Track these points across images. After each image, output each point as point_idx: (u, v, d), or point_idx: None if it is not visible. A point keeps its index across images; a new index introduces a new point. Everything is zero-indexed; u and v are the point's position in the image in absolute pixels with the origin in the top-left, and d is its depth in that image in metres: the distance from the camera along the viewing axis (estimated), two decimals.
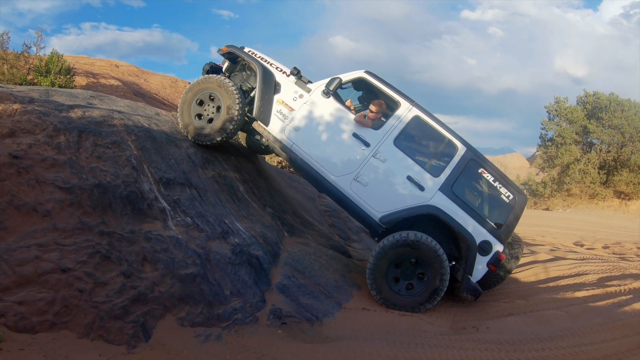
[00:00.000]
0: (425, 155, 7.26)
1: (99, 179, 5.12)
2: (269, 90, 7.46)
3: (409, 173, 6.94)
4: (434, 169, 7.00)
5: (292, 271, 6.38)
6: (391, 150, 7.02)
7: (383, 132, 7.10)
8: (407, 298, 6.68)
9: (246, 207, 7.13)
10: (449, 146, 7.10)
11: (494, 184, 7.02)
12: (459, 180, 6.95)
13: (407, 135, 7.17)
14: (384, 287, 6.67)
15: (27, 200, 4.48)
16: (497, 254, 6.78)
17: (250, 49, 7.93)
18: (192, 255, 5.20)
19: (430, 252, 6.56)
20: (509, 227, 6.95)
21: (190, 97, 7.42)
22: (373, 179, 7.00)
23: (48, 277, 4.10)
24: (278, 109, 7.43)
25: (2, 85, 6.56)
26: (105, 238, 4.67)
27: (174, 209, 5.65)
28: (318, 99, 7.33)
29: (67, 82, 16.56)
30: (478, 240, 6.72)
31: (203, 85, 7.37)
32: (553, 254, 10.62)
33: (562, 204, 38.79)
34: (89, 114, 6.04)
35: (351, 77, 7.43)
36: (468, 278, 6.76)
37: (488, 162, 7.18)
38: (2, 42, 16.47)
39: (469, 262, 6.73)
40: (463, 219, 6.77)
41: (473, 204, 6.97)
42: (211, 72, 8.05)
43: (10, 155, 4.66)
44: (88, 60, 25.00)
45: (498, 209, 7.07)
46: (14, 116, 5.19)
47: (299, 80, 7.53)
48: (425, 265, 6.65)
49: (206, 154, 7.23)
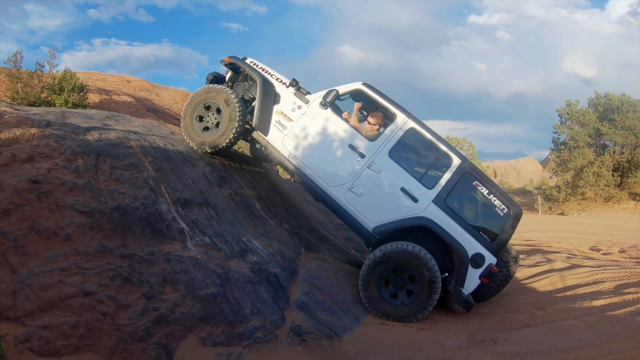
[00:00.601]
0: (419, 167, 7.32)
1: (117, 202, 5.17)
2: (269, 100, 7.63)
3: (403, 184, 7.01)
4: (428, 181, 7.04)
5: (310, 287, 6.40)
6: (386, 161, 7.10)
7: (378, 143, 7.19)
8: (400, 308, 6.71)
9: (263, 225, 7.20)
10: (443, 158, 7.15)
11: (488, 196, 7.04)
12: (452, 192, 7.00)
13: (402, 147, 7.24)
14: (376, 296, 6.72)
15: (48, 225, 4.52)
16: (490, 267, 6.78)
17: (252, 60, 8.09)
18: (211, 275, 5.23)
19: (422, 263, 6.58)
20: (502, 240, 6.94)
21: (193, 106, 7.61)
22: (367, 190, 7.10)
23: (71, 301, 4.14)
24: (277, 120, 7.59)
25: (18, 108, 6.63)
26: (126, 260, 4.72)
27: (192, 229, 5.69)
28: (316, 110, 7.47)
29: (81, 99, 16.73)
30: (470, 253, 6.75)
31: (206, 94, 7.55)
32: (569, 261, 10.53)
33: (576, 208, 38.49)
34: (105, 136, 6.11)
35: (348, 89, 7.56)
36: (460, 290, 6.78)
37: (483, 175, 7.21)
38: (15, 61, 16.67)
39: (461, 274, 6.75)
40: (456, 231, 6.81)
41: (466, 217, 7.00)
42: (214, 82, 8.29)
43: (30, 181, 4.71)
44: (100, 76, 25.22)
45: (492, 221, 7.06)
46: (32, 140, 5.25)
47: (298, 91, 7.67)
48: (419, 282, 6.66)
49: (222, 172, 7.34)
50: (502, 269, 7.28)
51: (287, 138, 7.48)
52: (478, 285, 6.86)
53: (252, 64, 8.02)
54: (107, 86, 22.84)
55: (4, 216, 4.35)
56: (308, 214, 9.68)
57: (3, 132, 5.16)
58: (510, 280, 7.54)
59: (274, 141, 7.56)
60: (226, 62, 8.16)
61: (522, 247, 13.53)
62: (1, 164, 4.77)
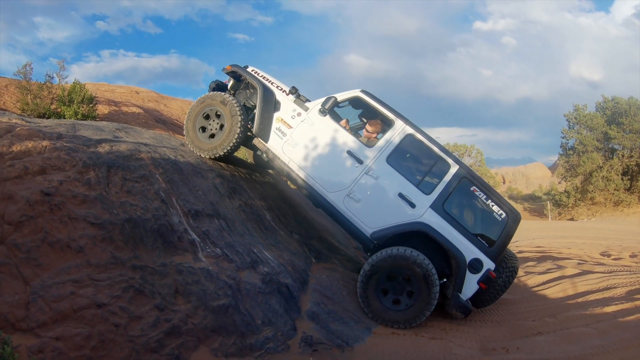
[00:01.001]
0: (417, 172, 7.38)
1: (129, 214, 5.19)
2: (269, 108, 7.74)
3: (401, 190, 7.06)
4: (425, 187, 7.10)
5: (321, 297, 6.41)
6: (384, 167, 7.18)
7: (376, 149, 7.27)
8: (405, 312, 6.72)
9: (273, 235, 7.24)
10: (441, 164, 7.21)
11: (486, 202, 7.08)
12: (450, 197, 7.05)
13: (400, 153, 7.32)
14: (379, 308, 6.74)
15: (60, 237, 4.54)
16: (488, 272, 6.78)
17: (253, 68, 8.21)
18: (223, 286, 5.25)
19: (410, 262, 6.61)
20: (500, 246, 6.96)
21: (195, 113, 7.74)
22: (365, 196, 7.17)
23: (84, 313, 4.15)
24: (277, 127, 7.70)
25: (30, 120, 6.68)
26: (138, 272, 4.73)
27: (203, 240, 5.72)
28: (315, 117, 7.57)
29: (90, 111, 16.83)
30: (468, 258, 6.77)
31: (208, 102, 7.68)
32: (580, 267, 10.49)
33: (586, 213, 38.36)
34: (116, 148, 6.14)
35: (347, 96, 7.64)
36: (457, 295, 6.79)
37: (480, 181, 7.23)
38: (25, 73, 16.77)
39: (459, 280, 6.78)
40: (453, 236, 6.84)
41: (464, 222, 7.06)
42: (217, 89, 8.40)
43: (42, 193, 4.73)
44: (108, 88, 25.37)
45: (490, 227, 7.10)
46: (44, 153, 5.28)
47: (298, 99, 7.78)
48: (415, 280, 6.67)
49: (232, 183, 7.39)
50: (501, 274, 7.25)
51: (286, 145, 7.59)
52: (476, 290, 6.86)
53: (253, 72, 8.15)
54: (115, 97, 22.96)
55: (16, 228, 4.38)
56: (318, 224, 9.71)
57: (15, 144, 5.19)
58: (509, 286, 7.50)
59: (274, 148, 7.69)
60: (228, 70, 8.30)
61: (532, 254, 13.50)
62: (13, 176, 4.79)
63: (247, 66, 8.31)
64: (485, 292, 7.20)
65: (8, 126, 5.52)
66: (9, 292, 3.97)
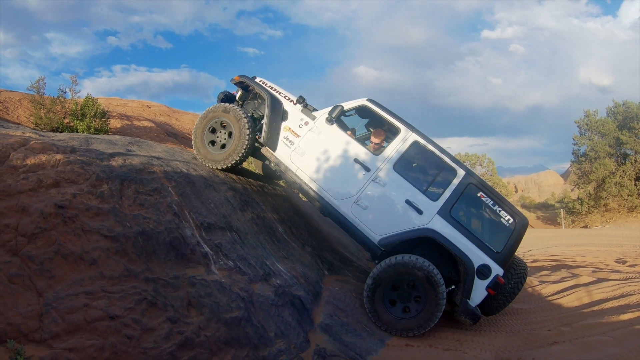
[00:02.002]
0: (424, 179, 7.41)
1: (142, 227, 5.21)
2: (277, 117, 7.81)
3: (408, 197, 7.08)
4: (432, 193, 7.12)
5: (334, 310, 6.40)
6: (391, 174, 7.22)
7: (383, 157, 7.31)
8: (409, 320, 6.71)
9: (286, 248, 7.25)
10: (447, 170, 7.23)
11: (493, 207, 7.08)
12: (457, 204, 7.06)
13: (407, 160, 7.36)
14: (384, 314, 6.73)
15: (74, 249, 4.56)
16: (497, 278, 6.74)
17: (261, 79, 8.31)
18: (236, 298, 5.24)
19: (420, 271, 6.60)
20: (509, 251, 6.92)
21: (203, 125, 7.83)
22: (372, 203, 7.20)
23: (97, 325, 4.16)
24: (285, 135, 7.78)
25: (43, 134, 6.74)
26: (150, 284, 4.74)
27: (216, 253, 5.72)
28: (322, 126, 7.63)
29: (103, 125, 16.97)
30: (477, 264, 6.74)
31: (210, 115, 7.79)
32: (595, 275, 10.43)
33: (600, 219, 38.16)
34: (129, 161, 6.18)
35: (354, 105, 7.70)
36: (466, 302, 6.75)
37: (487, 186, 7.24)
38: (38, 87, 16.96)
39: (467, 286, 6.74)
40: (461, 242, 6.82)
41: (472, 228, 7.03)
42: (225, 100, 8.54)
43: (56, 205, 4.76)
44: (120, 102, 25.57)
45: (498, 232, 7.07)
46: (58, 166, 5.32)
47: (305, 108, 7.88)
48: (421, 288, 6.67)
49: (244, 196, 7.42)
50: (510, 281, 7.19)
51: (294, 153, 7.66)
52: (485, 297, 6.82)
53: (261, 82, 8.25)
54: (127, 111, 23.15)
55: (30, 240, 4.41)
56: (330, 235, 9.72)
57: (29, 157, 5.24)
58: (518, 292, 7.40)
59: (281, 157, 7.76)
60: (236, 80, 8.41)
61: (546, 263, 13.43)
62: (27, 189, 4.83)
63: (255, 77, 8.41)
64: (494, 299, 7.16)
65: (22, 140, 5.57)
66: (23, 304, 3.98)
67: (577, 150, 42.07)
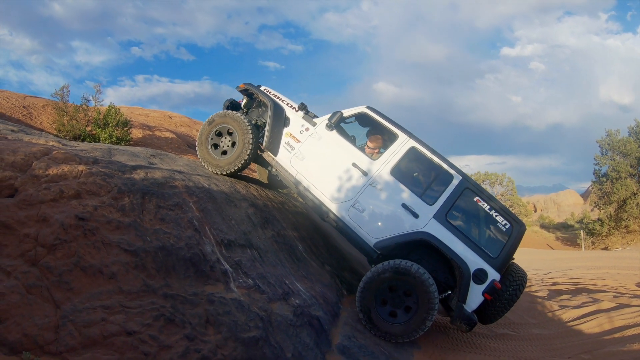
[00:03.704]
0: (420, 184, 7.52)
1: (162, 242, 5.18)
2: (279, 123, 8.04)
3: (404, 201, 7.15)
4: (428, 197, 7.17)
5: (352, 331, 6.32)
6: (387, 179, 7.31)
7: (380, 162, 7.43)
8: (396, 326, 6.72)
9: (305, 267, 7.22)
10: (444, 175, 7.30)
11: (489, 212, 7.09)
12: (453, 208, 7.11)
13: (404, 165, 7.44)
14: (373, 314, 6.75)
15: (93, 262, 4.54)
16: (493, 283, 6.71)
17: (265, 87, 8.55)
18: (254, 318, 5.16)
19: (417, 280, 6.59)
20: (505, 256, 6.90)
21: (208, 131, 8.14)
22: (369, 207, 7.29)
23: (114, 340, 4.11)
24: (286, 141, 7.99)
25: (66, 144, 6.76)
26: (169, 301, 4.69)
27: (235, 270, 5.66)
28: (322, 132, 7.80)
29: (125, 134, 17.13)
30: (472, 269, 6.73)
31: (221, 120, 8.06)
32: (616, 300, 10.27)
33: (620, 241, 37.69)
34: (151, 175, 6.18)
35: (353, 112, 7.86)
36: (462, 307, 6.71)
37: (484, 191, 7.27)
38: (62, 94, 17.15)
39: (463, 290, 6.71)
40: (456, 246, 6.83)
41: (468, 232, 7.04)
42: (231, 107, 8.87)
43: (76, 217, 4.75)
44: (142, 112, 25.82)
45: (494, 237, 7.10)
46: (80, 177, 5.32)
47: (306, 114, 8.05)
48: (414, 293, 6.67)
49: (265, 213, 7.43)
50: (507, 288, 7.11)
51: (294, 158, 7.83)
52: (481, 302, 6.78)
53: (265, 90, 8.47)
54: (149, 121, 23.33)
55: (50, 251, 4.39)
56: (349, 255, 9.68)
57: (52, 167, 5.25)
58: (517, 300, 7.29)
59: (282, 161, 7.95)
60: (241, 88, 8.65)
61: (566, 286, 13.26)
62: (49, 199, 4.83)
63: (260, 85, 8.64)
64: (492, 307, 7.12)
65: (45, 149, 5.59)
66: (40, 315, 3.96)
67: (598, 171, 41.70)
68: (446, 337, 7.78)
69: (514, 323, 9.31)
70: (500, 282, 6.86)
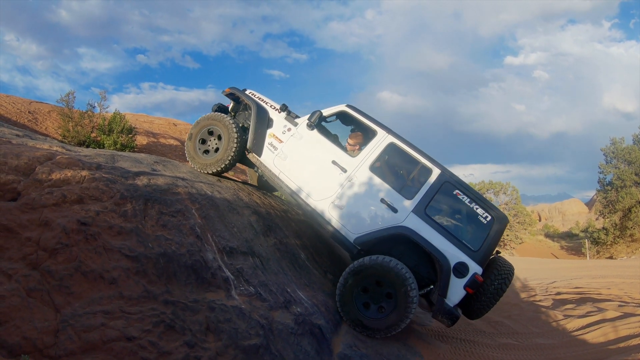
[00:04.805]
0: (400, 179, 7.57)
1: (164, 248, 5.16)
2: (262, 125, 8.22)
3: (383, 196, 7.19)
4: (407, 192, 7.20)
5: (354, 340, 6.30)
6: (367, 175, 7.36)
7: (360, 158, 7.51)
8: (375, 321, 6.71)
9: (307, 275, 7.22)
10: (423, 170, 7.33)
11: (469, 205, 7.07)
12: (432, 202, 7.09)
13: (383, 161, 7.53)
14: (353, 310, 6.77)
15: (94, 267, 4.52)
16: (475, 276, 6.68)
17: (250, 91, 8.75)
18: (255, 325, 5.15)
19: (395, 275, 6.59)
20: (487, 249, 6.87)
21: (196, 132, 8.33)
22: (349, 203, 7.32)
23: (113, 345, 4.10)
24: (269, 142, 8.14)
25: (70, 149, 6.77)
26: (169, 307, 4.68)
27: (237, 278, 5.65)
28: (303, 131, 7.95)
29: (129, 141, 17.21)
30: (453, 262, 6.71)
31: (208, 121, 8.29)
32: (621, 310, 10.21)
33: (625, 250, 37.53)
34: (154, 181, 6.18)
35: (334, 111, 8.02)
36: (443, 301, 6.69)
37: (464, 184, 7.23)
38: (68, 100, 17.23)
39: (443, 284, 6.68)
40: (436, 240, 6.81)
41: (448, 226, 7.04)
42: (219, 111, 9.03)
43: (78, 222, 4.74)
44: (147, 119, 25.94)
45: (475, 230, 7.06)
46: (83, 183, 5.31)
47: (288, 115, 8.22)
48: (392, 288, 6.65)
49: (267, 221, 7.45)
50: (493, 281, 7.04)
51: (277, 158, 7.97)
52: (464, 296, 6.75)
53: (250, 93, 8.67)
54: (154, 128, 23.43)
55: (51, 255, 4.38)
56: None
57: (55, 172, 5.24)
58: (502, 294, 7.21)
59: (266, 161, 8.10)
60: (227, 92, 8.88)
61: (571, 296, 13.19)
62: (51, 203, 4.82)
63: (245, 89, 8.81)
64: (477, 302, 7.06)
65: (49, 153, 5.59)
66: (39, 318, 3.94)
67: (603, 179, 41.55)
68: (449, 346, 7.74)
69: (518, 333, 9.26)
70: (486, 276, 6.89)
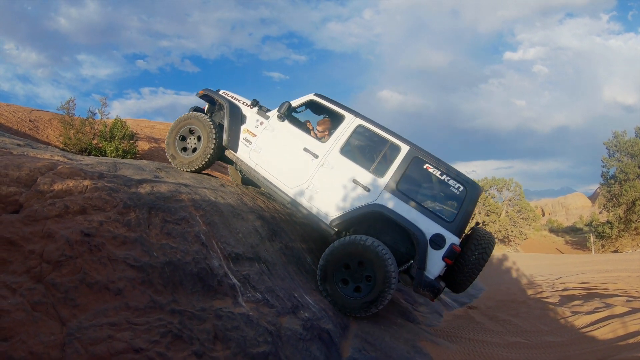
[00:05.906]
0: (370, 158, 7.69)
1: (169, 257, 5.12)
2: (236, 121, 8.46)
3: (355, 177, 7.35)
4: (378, 170, 7.35)
5: (362, 343, 6.25)
6: (337, 158, 7.54)
7: (330, 143, 7.69)
8: (355, 300, 6.81)
9: (314, 279, 7.21)
10: (392, 147, 7.47)
11: (441, 177, 7.16)
12: (404, 177, 7.21)
13: (352, 143, 7.72)
14: (333, 290, 6.89)
15: (99, 279, 4.47)
16: (452, 247, 6.72)
17: (224, 91, 8.97)
18: (263, 332, 5.10)
19: (371, 253, 6.68)
20: (462, 219, 6.93)
21: (175, 131, 8.58)
22: (322, 187, 7.49)
23: (121, 357, 4.04)
24: (244, 137, 8.38)
25: (72, 158, 6.73)
26: (176, 317, 4.63)
27: (243, 284, 5.61)
28: (275, 124, 8.19)
29: (131, 147, 17.19)
30: (429, 235, 6.78)
31: (186, 121, 8.55)
32: (630, 305, 10.14)
33: (631, 244, 37.41)
34: (157, 189, 6.14)
35: (303, 101, 8.27)
36: (422, 274, 6.73)
37: (434, 158, 7.29)
38: (68, 108, 17.21)
39: (421, 257, 6.74)
40: (410, 214, 6.91)
41: (420, 200, 7.11)
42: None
43: (82, 233, 4.69)
44: (148, 124, 25.92)
45: (449, 201, 7.17)
46: (85, 193, 5.27)
47: (260, 110, 8.48)
48: (370, 266, 6.74)
49: (272, 225, 7.45)
50: (473, 252, 7.09)
51: (252, 152, 8.19)
52: (443, 267, 6.80)
53: (224, 93, 8.90)
54: (155, 134, 23.40)
55: (55, 267, 4.32)
56: None
57: (57, 182, 5.20)
58: (484, 264, 7.23)
59: (242, 156, 8.33)
60: (201, 94, 9.11)
61: (578, 291, 13.13)
62: (54, 215, 4.78)
63: (218, 90, 9.02)
64: (459, 273, 7.13)
65: (50, 163, 5.55)
66: (45, 332, 3.88)
67: (606, 173, 41.45)
68: (458, 347, 7.69)
69: (527, 331, 9.21)
70: (466, 248, 7.00)
